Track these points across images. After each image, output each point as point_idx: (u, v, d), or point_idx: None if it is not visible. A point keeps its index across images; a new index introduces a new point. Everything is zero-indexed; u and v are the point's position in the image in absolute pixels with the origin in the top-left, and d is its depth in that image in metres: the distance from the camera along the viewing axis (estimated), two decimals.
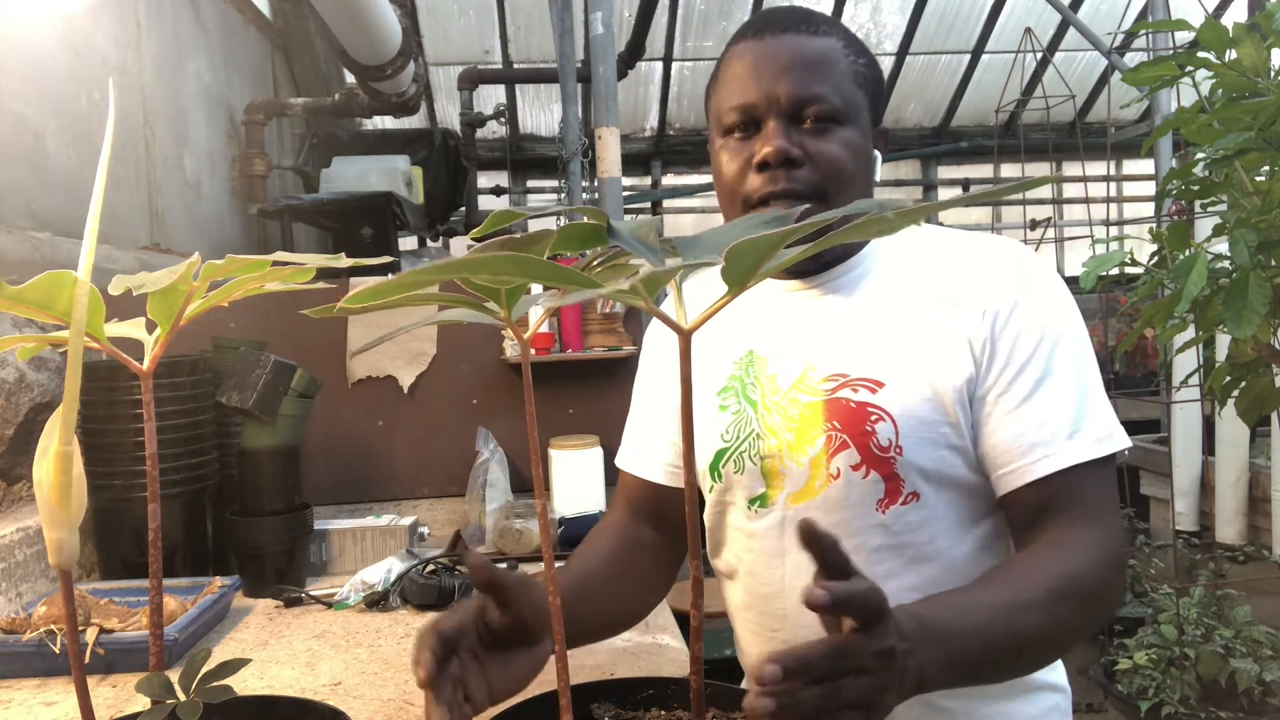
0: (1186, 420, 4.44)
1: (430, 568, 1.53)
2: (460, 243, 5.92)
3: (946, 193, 7.79)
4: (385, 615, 1.47)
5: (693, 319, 0.57)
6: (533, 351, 2.19)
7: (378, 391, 2.28)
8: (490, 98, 6.13)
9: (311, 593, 1.56)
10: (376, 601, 1.50)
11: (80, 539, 0.65)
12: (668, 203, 7.65)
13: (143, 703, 0.77)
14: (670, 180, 7.64)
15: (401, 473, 2.28)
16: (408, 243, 5.56)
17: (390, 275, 0.54)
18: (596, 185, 3.31)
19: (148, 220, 2.84)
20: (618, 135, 3.12)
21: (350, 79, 4.24)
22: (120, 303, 0.69)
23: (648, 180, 7.60)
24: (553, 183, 7.11)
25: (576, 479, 1.99)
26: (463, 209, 4.92)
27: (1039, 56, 5.64)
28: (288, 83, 4.54)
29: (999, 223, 7.07)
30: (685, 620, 0.81)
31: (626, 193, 6.58)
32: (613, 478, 1.55)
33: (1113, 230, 5.03)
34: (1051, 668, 0.99)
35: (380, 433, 2.28)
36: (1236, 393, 1.94)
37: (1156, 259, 2.12)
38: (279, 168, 4.02)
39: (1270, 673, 2.67)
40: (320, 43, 4.53)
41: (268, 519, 1.59)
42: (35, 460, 0.63)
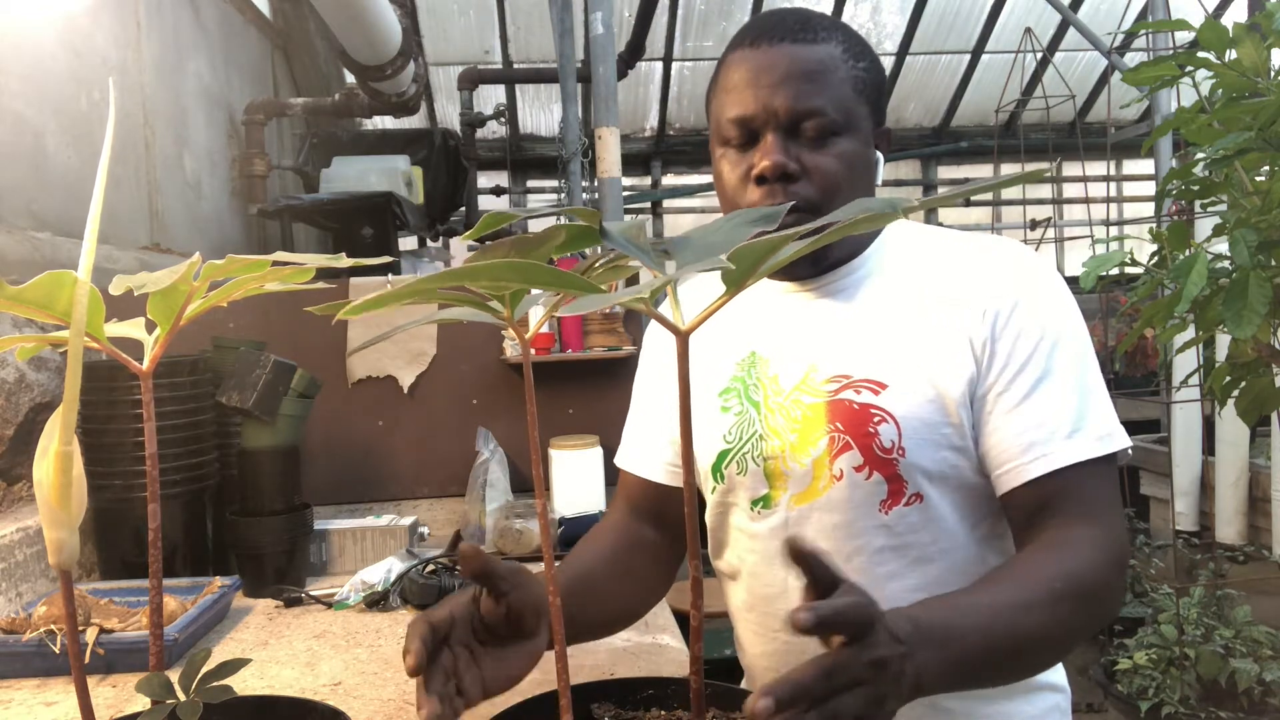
0: (1186, 420, 4.44)
1: (430, 568, 1.53)
2: (460, 243, 5.92)
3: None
4: (385, 615, 1.47)
5: (691, 319, 0.57)
6: (533, 351, 2.18)
7: (378, 391, 2.28)
8: (490, 98, 6.13)
9: (311, 593, 1.56)
10: (376, 601, 1.50)
11: (80, 539, 0.65)
12: (668, 203, 7.65)
13: (143, 703, 0.77)
14: (670, 180, 7.64)
15: (401, 473, 2.28)
16: (408, 243, 5.55)
17: (390, 275, 0.54)
18: (596, 185, 3.31)
19: (148, 220, 2.84)
20: (618, 135, 3.13)
21: (350, 79, 4.24)
22: (120, 303, 0.69)
23: (648, 180, 7.61)
24: (553, 183, 7.11)
25: (576, 479, 1.99)
26: (463, 209, 4.92)
27: (1039, 56, 5.64)
28: (288, 83, 4.54)
29: (999, 223, 7.07)
30: (685, 620, 0.81)
31: (626, 193, 6.58)
32: (613, 478, 1.55)
33: (1113, 230, 5.03)
34: (1052, 668, 0.99)
35: (380, 433, 2.28)
36: (1236, 393, 1.94)
37: (1156, 259, 2.12)
38: (279, 168, 4.02)
39: (1270, 673, 2.67)
40: (320, 43, 4.53)
41: (268, 519, 1.59)
42: (35, 460, 0.63)
